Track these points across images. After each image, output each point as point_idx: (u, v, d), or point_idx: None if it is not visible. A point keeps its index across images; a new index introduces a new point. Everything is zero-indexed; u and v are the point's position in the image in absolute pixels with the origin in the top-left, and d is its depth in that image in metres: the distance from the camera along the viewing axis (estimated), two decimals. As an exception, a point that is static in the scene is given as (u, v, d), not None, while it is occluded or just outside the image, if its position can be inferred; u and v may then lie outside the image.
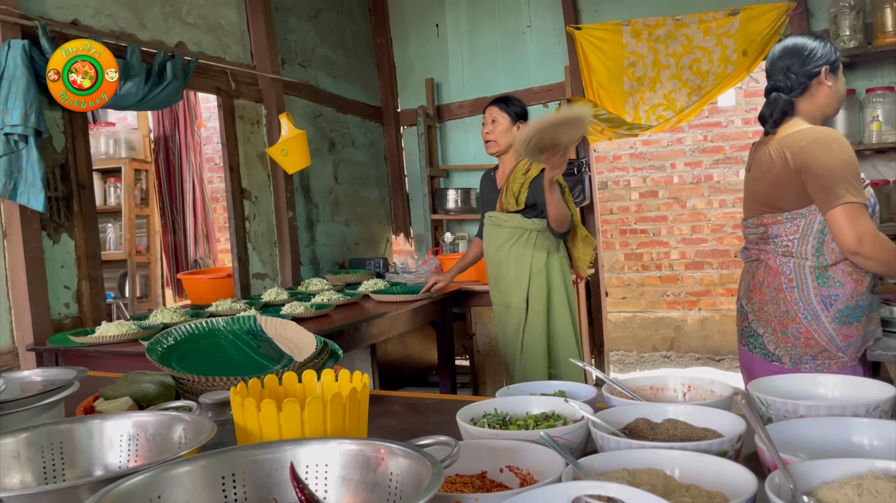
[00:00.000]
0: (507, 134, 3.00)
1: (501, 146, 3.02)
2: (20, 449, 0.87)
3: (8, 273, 2.82)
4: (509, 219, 3.00)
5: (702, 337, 6.14)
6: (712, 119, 6.07)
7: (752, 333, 2.13)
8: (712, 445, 0.88)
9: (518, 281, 2.97)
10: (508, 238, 3.00)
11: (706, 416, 1.01)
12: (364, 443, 0.78)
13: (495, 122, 3.01)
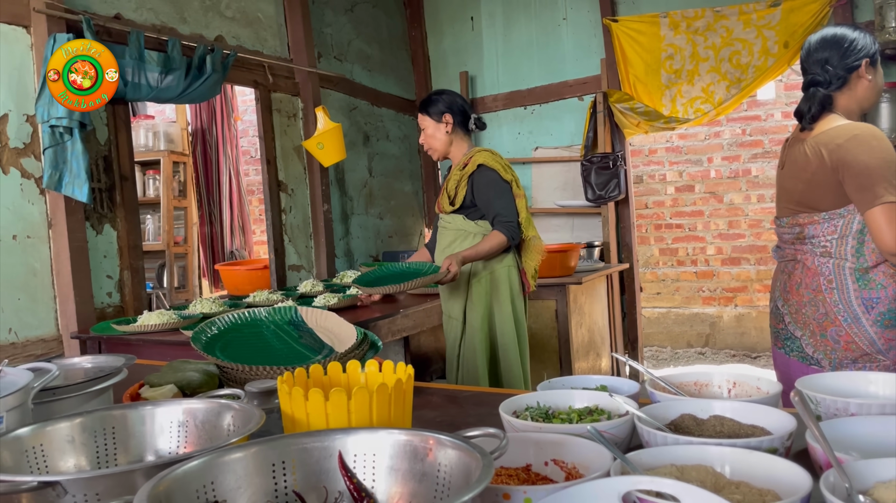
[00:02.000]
0: (436, 136, 2.79)
1: (440, 150, 2.81)
2: (74, 433, 0.90)
3: (53, 262, 2.89)
4: (451, 220, 2.79)
5: (738, 333, 6.05)
6: (751, 112, 5.97)
7: (788, 336, 2.08)
8: (762, 442, 0.87)
9: (456, 289, 2.76)
10: (451, 241, 2.79)
11: (753, 413, 1.00)
12: (412, 434, 0.78)
13: (424, 131, 2.81)
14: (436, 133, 2.76)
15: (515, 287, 2.78)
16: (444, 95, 2.81)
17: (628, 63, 4.66)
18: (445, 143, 2.78)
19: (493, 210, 2.66)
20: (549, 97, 5.13)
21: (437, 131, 2.76)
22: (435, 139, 2.77)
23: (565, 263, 4.04)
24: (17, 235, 2.78)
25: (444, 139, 2.77)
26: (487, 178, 2.67)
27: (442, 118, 2.76)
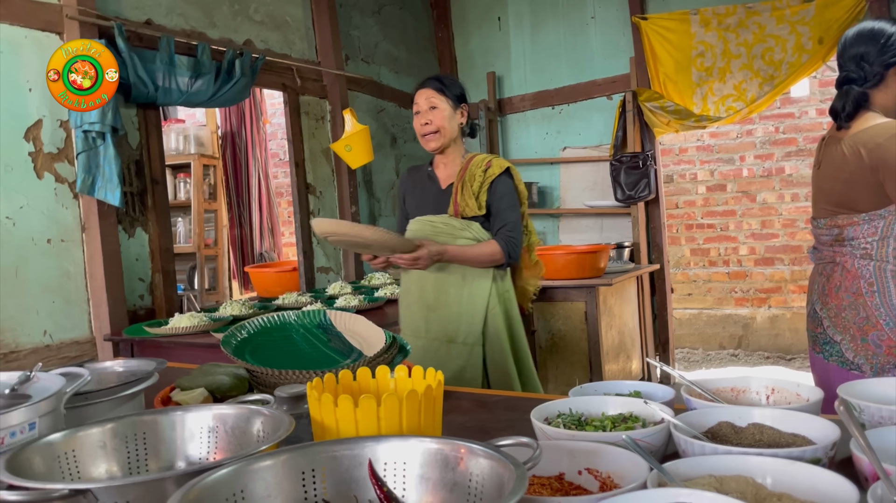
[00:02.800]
0: (451, 122, 2.34)
1: (447, 137, 2.33)
2: (106, 439, 0.90)
3: (87, 266, 2.93)
4: (466, 227, 2.29)
5: (772, 335, 5.94)
6: (784, 110, 5.86)
7: (827, 340, 2.02)
8: (805, 452, 0.84)
9: (471, 310, 2.28)
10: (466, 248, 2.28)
11: (794, 421, 0.97)
12: (443, 442, 0.77)
13: (436, 109, 2.32)
14: (451, 118, 2.34)
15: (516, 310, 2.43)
16: (460, 84, 2.46)
17: (658, 61, 4.60)
18: (455, 134, 2.37)
19: (501, 219, 2.28)
20: (577, 97, 5.09)
21: (453, 117, 2.35)
22: (448, 124, 2.33)
23: (595, 264, 4.00)
24: (51, 239, 2.82)
25: (456, 129, 2.37)
26: (509, 187, 2.31)
27: (459, 107, 2.39)
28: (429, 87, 2.36)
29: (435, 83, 2.37)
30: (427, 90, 2.35)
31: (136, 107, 3.13)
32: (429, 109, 2.32)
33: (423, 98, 2.35)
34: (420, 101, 2.35)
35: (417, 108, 2.35)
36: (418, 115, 2.34)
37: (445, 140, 2.33)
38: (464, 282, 2.29)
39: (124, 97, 3.01)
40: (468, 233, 2.29)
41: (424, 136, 2.34)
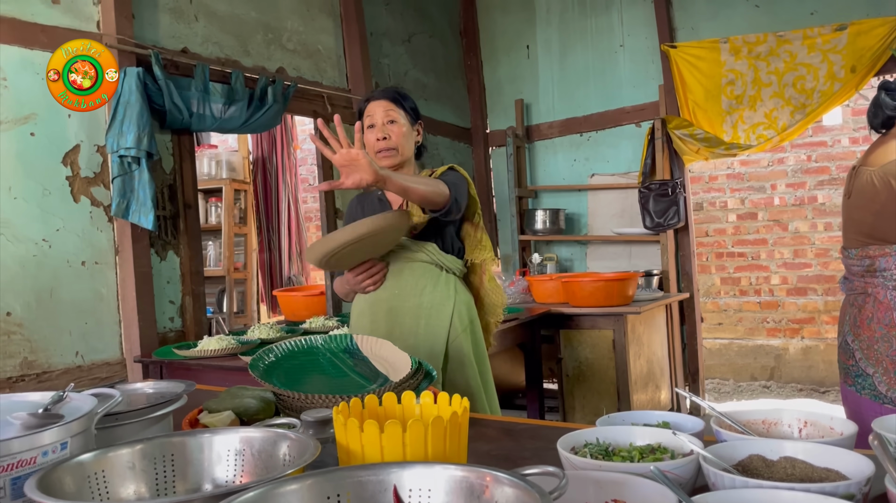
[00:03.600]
0: (408, 139, 2.12)
1: (403, 156, 2.11)
2: (135, 460, 0.91)
3: (119, 288, 2.98)
4: (421, 249, 2.06)
5: (805, 367, 5.82)
6: (817, 138, 5.80)
7: (860, 373, 1.98)
8: (838, 488, 0.82)
9: (430, 343, 2.04)
10: (419, 277, 2.06)
11: (827, 455, 0.95)
12: (469, 470, 0.77)
13: (394, 124, 2.09)
14: (409, 135, 2.13)
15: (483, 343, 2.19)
16: (412, 99, 2.22)
17: (687, 89, 4.60)
18: (411, 153, 2.15)
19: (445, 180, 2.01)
20: (605, 124, 5.09)
21: (410, 133, 2.14)
22: (406, 141, 2.12)
23: (623, 292, 3.97)
24: (85, 261, 2.88)
25: (412, 148, 2.16)
26: (456, 177, 2.07)
27: (416, 123, 2.18)
28: (386, 98, 2.12)
29: (392, 94, 2.14)
30: (384, 101, 2.11)
31: (171, 132, 3.20)
32: (386, 123, 2.08)
33: (379, 109, 2.10)
34: (376, 113, 2.09)
35: (371, 120, 2.09)
36: (371, 128, 2.08)
37: (401, 159, 2.10)
38: (423, 312, 2.04)
39: (160, 123, 3.08)
40: (423, 255, 2.06)
41: (379, 153, 2.07)
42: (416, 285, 2.06)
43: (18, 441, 0.84)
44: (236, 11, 3.59)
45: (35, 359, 2.70)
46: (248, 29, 3.64)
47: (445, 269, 2.09)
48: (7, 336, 2.63)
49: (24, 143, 2.72)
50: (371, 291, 2.06)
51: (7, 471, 0.82)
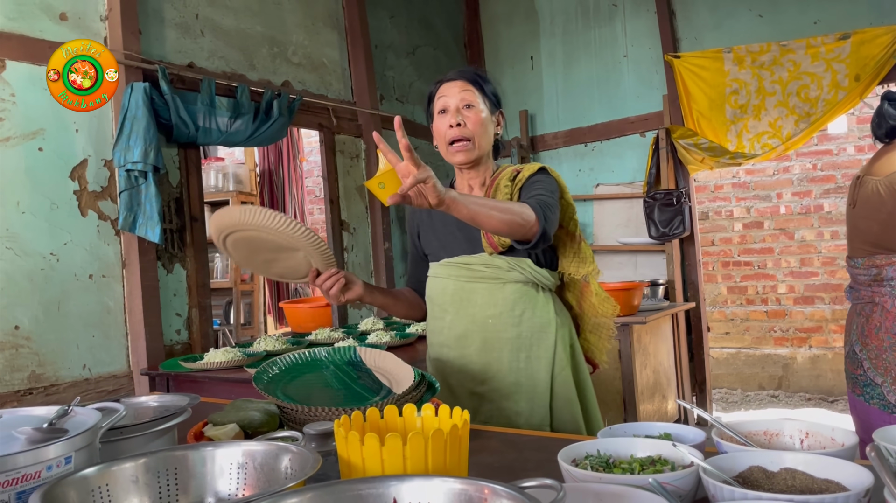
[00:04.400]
0: (487, 128, 1.75)
1: (481, 149, 1.75)
2: (139, 473, 0.92)
3: (126, 301, 3.00)
4: (514, 267, 1.73)
5: (813, 376, 5.79)
6: (822, 147, 5.79)
7: (868, 382, 1.97)
8: (837, 499, 0.82)
9: (533, 380, 1.74)
10: (515, 301, 1.73)
11: (828, 467, 0.95)
12: (467, 483, 0.77)
13: (471, 109, 1.72)
14: (488, 124, 1.76)
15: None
16: (491, 81, 1.84)
17: (691, 99, 4.61)
18: (489, 147, 1.80)
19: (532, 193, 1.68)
20: (610, 134, 5.11)
21: (490, 124, 1.77)
22: (486, 131, 1.75)
23: (629, 302, 3.97)
24: (93, 275, 2.90)
25: (491, 140, 1.79)
26: (547, 186, 1.71)
27: (497, 111, 1.82)
28: (463, 78, 1.75)
29: (472, 74, 1.77)
30: (460, 82, 1.75)
31: (178, 146, 3.23)
32: (462, 108, 1.72)
33: (454, 90, 1.74)
34: (449, 96, 1.73)
35: (444, 104, 1.73)
36: (444, 114, 1.73)
37: (479, 153, 1.74)
38: (520, 342, 1.73)
39: (166, 137, 3.11)
40: (517, 273, 1.72)
41: (452, 145, 1.72)
42: (512, 311, 1.73)
43: (23, 455, 0.85)
44: (242, 26, 3.62)
45: (43, 372, 2.72)
46: (253, 43, 3.67)
47: (542, 288, 1.78)
48: (15, 349, 2.65)
49: (32, 158, 2.75)
50: (339, 302, 1.72)
51: (12, 485, 0.83)
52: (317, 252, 1.56)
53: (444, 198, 1.39)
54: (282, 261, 1.63)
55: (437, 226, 1.86)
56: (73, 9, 2.92)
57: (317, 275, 1.67)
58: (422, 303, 1.93)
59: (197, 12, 3.40)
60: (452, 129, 1.71)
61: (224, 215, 1.50)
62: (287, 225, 1.48)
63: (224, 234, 1.55)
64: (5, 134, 2.69)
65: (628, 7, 4.99)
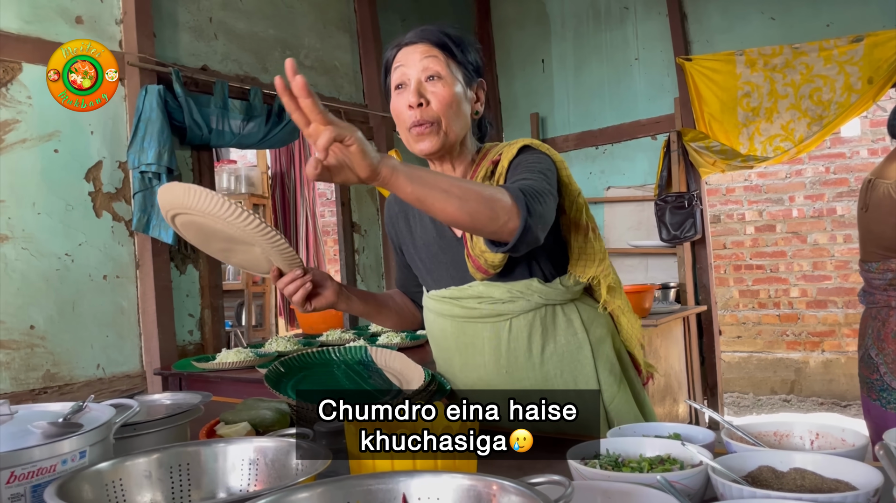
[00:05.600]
0: (460, 108, 1.33)
1: (452, 136, 1.34)
2: (152, 468, 0.93)
3: (140, 301, 3.02)
4: (515, 297, 1.37)
5: (826, 380, 5.75)
6: (835, 150, 5.76)
7: (884, 387, 1.95)
8: (846, 498, 0.82)
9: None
10: (530, 338, 1.38)
11: (837, 467, 0.95)
12: (476, 478, 0.78)
13: (437, 80, 1.31)
14: (462, 103, 1.34)
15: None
16: (472, 40, 1.41)
17: (703, 101, 4.60)
18: (465, 131, 1.38)
19: (515, 177, 1.28)
20: (621, 137, 5.10)
21: (464, 101, 1.35)
22: (457, 109, 1.33)
23: (640, 305, 3.96)
24: (107, 275, 2.93)
25: (468, 122, 1.38)
26: (535, 164, 1.31)
27: (474, 85, 1.40)
28: (427, 41, 1.33)
29: (437, 34, 1.34)
30: (424, 46, 1.33)
31: (191, 148, 3.25)
32: (424, 80, 1.31)
33: (415, 58, 1.32)
34: (409, 65, 1.32)
35: (402, 76, 1.33)
36: (401, 89, 1.33)
37: (450, 138, 1.33)
38: (548, 382, 1.40)
39: (179, 139, 3.14)
40: (523, 302, 1.37)
41: (412, 130, 1.32)
42: (529, 352, 1.39)
43: (39, 449, 0.86)
44: (255, 29, 3.65)
45: (58, 371, 2.75)
46: (266, 46, 3.70)
47: (560, 304, 1.41)
48: (31, 349, 2.68)
49: (47, 160, 2.78)
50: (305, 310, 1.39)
51: (27, 478, 0.84)
52: (274, 250, 1.26)
53: (379, 168, 1.02)
54: (239, 252, 1.35)
55: (418, 244, 1.49)
56: (88, 12, 2.95)
57: (279, 274, 1.34)
58: (414, 310, 1.65)
59: (210, 16, 3.44)
60: (412, 111, 1.30)
61: (166, 192, 1.23)
62: (236, 215, 1.17)
63: (170, 214, 1.28)
64: (21, 136, 2.72)
65: (639, 10, 4.99)
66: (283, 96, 0.98)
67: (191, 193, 1.18)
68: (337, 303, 1.42)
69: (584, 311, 1.44)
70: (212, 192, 1.18)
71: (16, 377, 2.63)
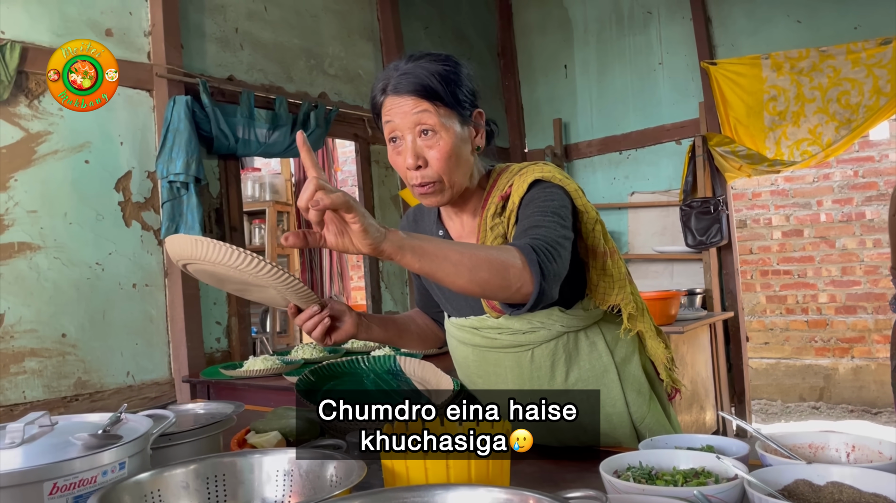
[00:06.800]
0: (460, 155, 1.28)
1: (458, 183, 1.30)
2: (189, 479, 0.94)
3: (168, 309, 3.06)
4: (535, 328, 1.35)
5: (855, 387, 5.66)
6: (863, 153, 5.68)
7: None
8: (887, 514, 0.81)
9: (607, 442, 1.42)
10: (553, 366, 1.37)
11: (875, 481, 0.93)
12: (512, 492, 0.78)
13: (432, 136, 1.25)
14: (463, 146, 1.29)
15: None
16: (462, 68, 1.31)
17: (728, 106, 4.56)
18: (466, 172, 1.32)
19: (527, 223, 1.23)
20: (645, 142, 5.07)
21: (465, 143, 1.30)
22: (457, 158, 1.28)
23: (665, 311, 3.92)
24: (136, 284, 2.97)
25: (471, 162, 1.34)
26: (536, 194, 1.28)
27: (470, 120, 1.32)
28: (414, 94, 1.24)
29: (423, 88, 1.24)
30: (412, 100, 1.24)
31: (218, 158, 3.29)
32: (418, 136, 1.25)
33: (404, 112, 1.25)
34: (398, 119, 1.25)
35: (393, 130, 1.27)
36: (395, 143, 1.28)
37: (455, 189, 1.30)
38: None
39: (207, 149, 3.18)
40: (544, 332, 1.34)
41: (415, 189, 1.30)
42: (552, 381, 1.38)
43: (80, 461, 0.88)
44: (280, 39, 3.69)
45: (88, 378, 2.79)
46: (291, 56, 3.74)
47: (582, 329, 1.38)
48: (62, 356, 2.72)
49: (79, 171, 2.83)
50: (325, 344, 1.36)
51: (70, 489, 0.86)
52: (289, 290, 1.24)
53: (382, 245, 0.98)
54: (254, 292, 1.34)
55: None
56: (118, 25, 3.00)
57: (297, 310, 1.30)
58: (437, 329, 1.64)
59: (237, 26, 3.48)
60: (412, 172, 1.26)
61: (174, 244, 1.24)
62: (245, 263, 1.16)
63: (181, 263, 1.30)
64: (53, 147, 2.77)
65: (663, 14, 4.96)
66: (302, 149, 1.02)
67: (198, 245, 1.19)
68: (357, 335, 1.39)
69: (609, 333, 1.42)
70: (219, 242, 1.18)
71: (48, 384, 2.68)
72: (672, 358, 1.50)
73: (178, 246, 1.23)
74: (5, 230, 2.63)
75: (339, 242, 0.99)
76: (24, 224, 2.67)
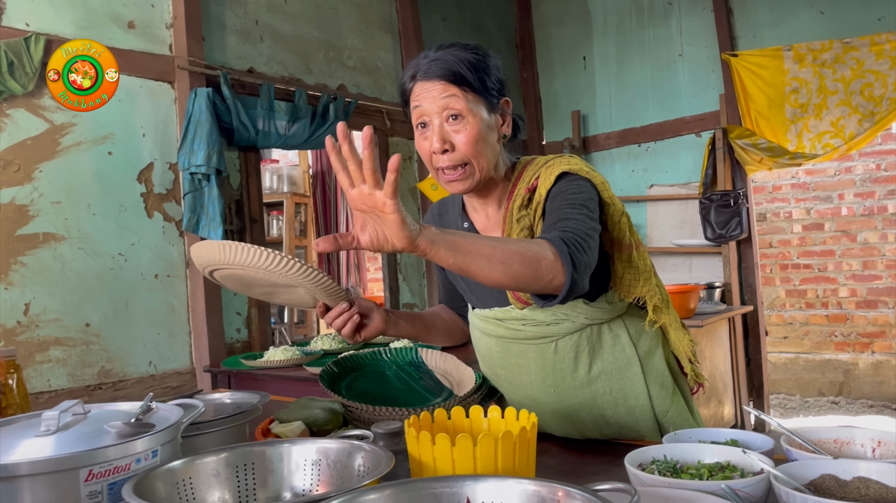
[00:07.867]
0: (488, 141, 1.29)
1: (485, 168, 1.30)
2: (219, 468, 0.96)
3: (190, 300, 3.09)
4: (560, 319, 1.34)
5: (876, 382, 5.61)
6: (886, 146, 5.61)
7: None
8: (916, 510, 0.81)
9: (629, 434, 1.44)
10: (576, 358, 1.37)
11: (904, 477, 0.93)
12: (541, 484, 0.78)
13: (460, 120, 1.26)
14: (489, 133, 1.30)
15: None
16: (490, 58, 1.34)
17: (749, 98, 4.52)
18: (493, 158, 1.33)
19: (556, 216, 1.23)
20: (664, 134, 5.04)
21: (491, 131, 1.31)
22: (486, 142, 1.29)
23: (684, 305, 3.91)
24: (158, 274, 3.00)
25: (497, 150, 1.35)
26: (563, 186, 1.29)
27: (498, 107, 1.34)
28: (443, 79, 1.26)
29: (450, 68, 1.26)
30: (441, 84, 1.26)
31: (238, 150, 3.31)
32: (447, 121, 1.27)
33: (433, 97, 1.26)
34: (427, 104, 1.27)
35: (422, 116, 1.28)
36: (423, 128, 1.29)
37: (482, 174, 1.30)
38: (601, 403, 1.40)
39: (227, 140, 3.20)
40: (568, 324, 1.35)
41: (442, 174, 1.30)
42: (575, 373, 1.38)
43: (114, 448, 0.89)
44: (299, 31, 3.70)
45: (112, 367, 2.83)
46: (310, 48, 3.75)
47: (606, 321, 1.39)
48: (86, 346, 2.76)
49: (102, 162, 2.86)
50: (355, 341, 1.38)
51: (105, 476, 0.88)
52: (319, 288, 1.25)
53: (418, 241, 0.99)
54: (283, 294, 1.35)
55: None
56: (140, 17, 3.03)
57: (325, 309, 1.33)
58: (462, 325, 1.65)
59: (257, 19, 3.49)
60: (438, 156, 1.27)
61: (200, 251, 1.25)
62: (276, 263, 1.18)
63: (208, 271, 1.32)
64: (77, 139, 2.80)
65: (684, 6, 4.92)
66: (331, 154, 0.98)
67: (226, 250, 1.20)
68: (386, 330, 1.41)
69: (632, 326, 1.42)
70: (246, 244, 1.19)
71: (72, 373, 2.72)
72: (695, 352, 1.50)
73: (204, 253, 1.24)
74: (31, 221, 2.67)
75: (375, 241, 1.02)
76: (48, 215, 2.71)
